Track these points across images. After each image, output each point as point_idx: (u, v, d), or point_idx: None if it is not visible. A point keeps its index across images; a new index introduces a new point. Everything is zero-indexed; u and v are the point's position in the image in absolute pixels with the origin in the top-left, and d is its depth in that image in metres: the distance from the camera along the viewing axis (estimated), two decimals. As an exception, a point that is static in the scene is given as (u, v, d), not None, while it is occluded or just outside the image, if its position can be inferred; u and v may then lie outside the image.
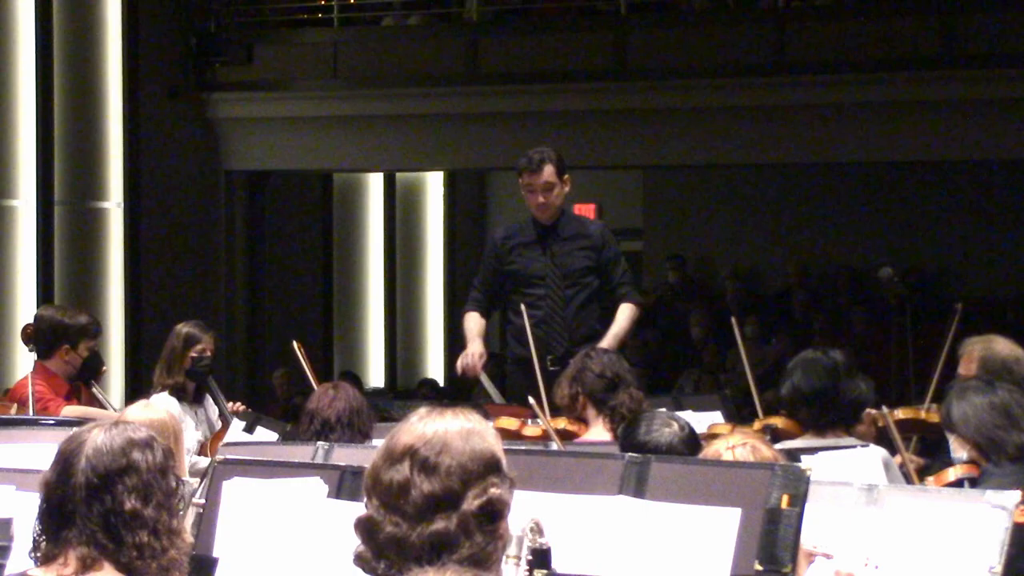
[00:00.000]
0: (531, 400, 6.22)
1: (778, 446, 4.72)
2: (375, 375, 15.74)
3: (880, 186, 14.87)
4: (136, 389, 11.66)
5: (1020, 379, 5.87)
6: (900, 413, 6.31)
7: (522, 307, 7.28)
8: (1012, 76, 11.73)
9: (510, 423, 6.49)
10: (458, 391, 14.35)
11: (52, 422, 5.84)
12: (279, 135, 13.78)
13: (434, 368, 16.41)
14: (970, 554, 3.58)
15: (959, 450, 5.20)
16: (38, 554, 3.23)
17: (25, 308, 11.91)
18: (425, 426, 3.05)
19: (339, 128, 13.65)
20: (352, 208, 15.77)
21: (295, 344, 7.47)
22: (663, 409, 5.83)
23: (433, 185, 16.74)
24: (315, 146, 13.76)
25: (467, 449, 3.01)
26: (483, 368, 7.49)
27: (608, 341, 7.27)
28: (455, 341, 16.60)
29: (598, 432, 6.13)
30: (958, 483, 5.06)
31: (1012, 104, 11.80)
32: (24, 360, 7.98)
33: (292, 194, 14.88)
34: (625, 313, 7.46)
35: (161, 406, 6.20)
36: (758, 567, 3.41)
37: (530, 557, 3.03)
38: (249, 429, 6.72)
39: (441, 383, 15.65)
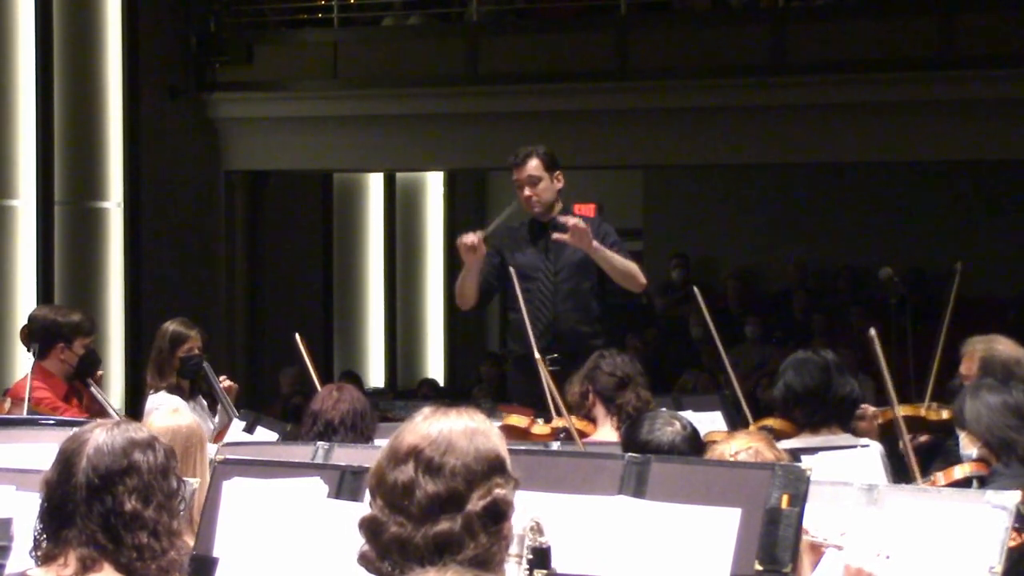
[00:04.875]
0: (548, 395, 6.22)
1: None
2: (375, 375, 15.73)
3: (880, 186, 14.86)
4: (136, 389, 11.66)
5: (1021, 380, 5.87)
6: (900, 410, 6.31)
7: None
8: (1011, 76, 11.72)
9: (519, 421, 6.48)
10: (459, 391, 14.35)
11: (52, 422, 5.84)
12: (279, 135, 13.77)
13: (434, 368, 16.40)
14: (970, 554, 3.58)
15: (969, 447, 5.20)
16: (38, 553, 3.23)
17: (25, 308, 11.89)
18: (430, 426, 3.04)
19: (339, 128, 13.63)
20: (352, 208, 15.76)
21: (297, 337, 7.35)
22: (665, 409, 5.84)
23: (433, 185, 16.74)
24: (315, 146, 13.75)
25: (472, 449, 3.01)
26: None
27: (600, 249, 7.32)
28: (455, 341, 16.62)
29: (607, 432, 6.14)
30: (966, 481, 5.06)
31: (1012, 104, 11.79)
32: (24, 360, 7.95)
33: (292, 194, 14.86)
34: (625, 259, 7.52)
35: (170, 405, 6.20)
36: (758, 567, 3.41)
37: (530, 556, 3.03)
38: (249, 429, 6.72)
39: (441, 383, 15.64)
